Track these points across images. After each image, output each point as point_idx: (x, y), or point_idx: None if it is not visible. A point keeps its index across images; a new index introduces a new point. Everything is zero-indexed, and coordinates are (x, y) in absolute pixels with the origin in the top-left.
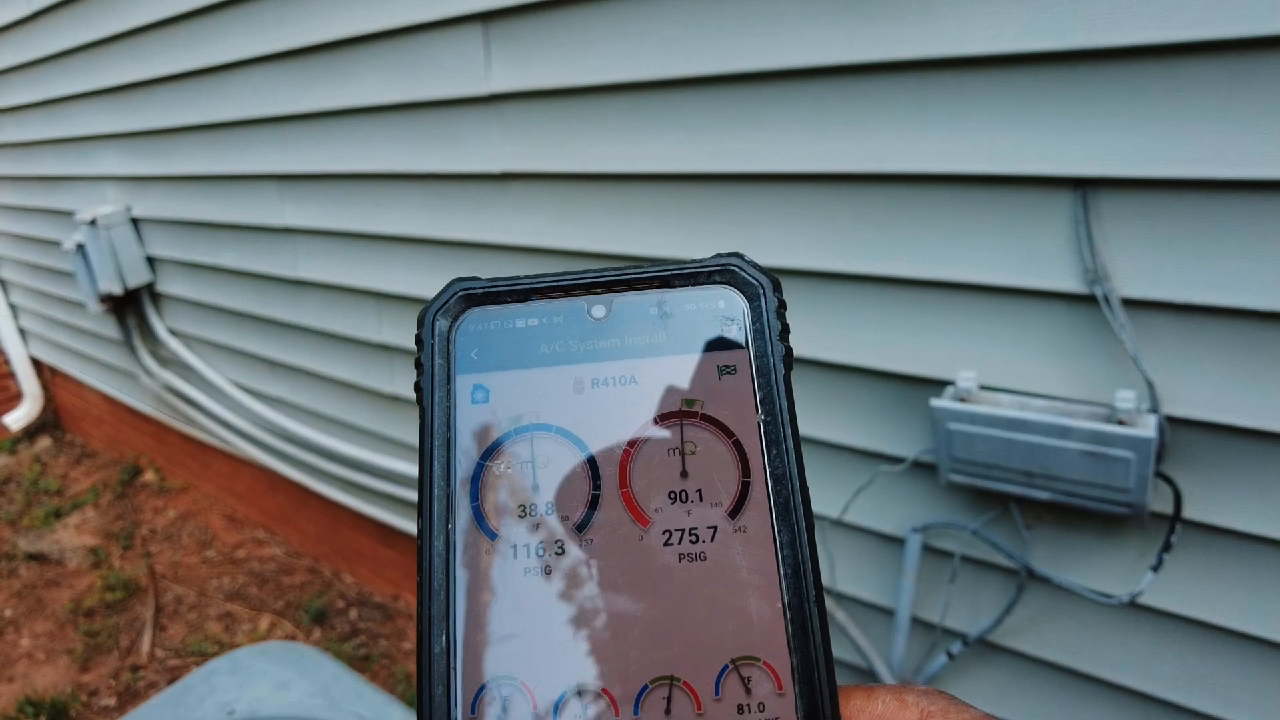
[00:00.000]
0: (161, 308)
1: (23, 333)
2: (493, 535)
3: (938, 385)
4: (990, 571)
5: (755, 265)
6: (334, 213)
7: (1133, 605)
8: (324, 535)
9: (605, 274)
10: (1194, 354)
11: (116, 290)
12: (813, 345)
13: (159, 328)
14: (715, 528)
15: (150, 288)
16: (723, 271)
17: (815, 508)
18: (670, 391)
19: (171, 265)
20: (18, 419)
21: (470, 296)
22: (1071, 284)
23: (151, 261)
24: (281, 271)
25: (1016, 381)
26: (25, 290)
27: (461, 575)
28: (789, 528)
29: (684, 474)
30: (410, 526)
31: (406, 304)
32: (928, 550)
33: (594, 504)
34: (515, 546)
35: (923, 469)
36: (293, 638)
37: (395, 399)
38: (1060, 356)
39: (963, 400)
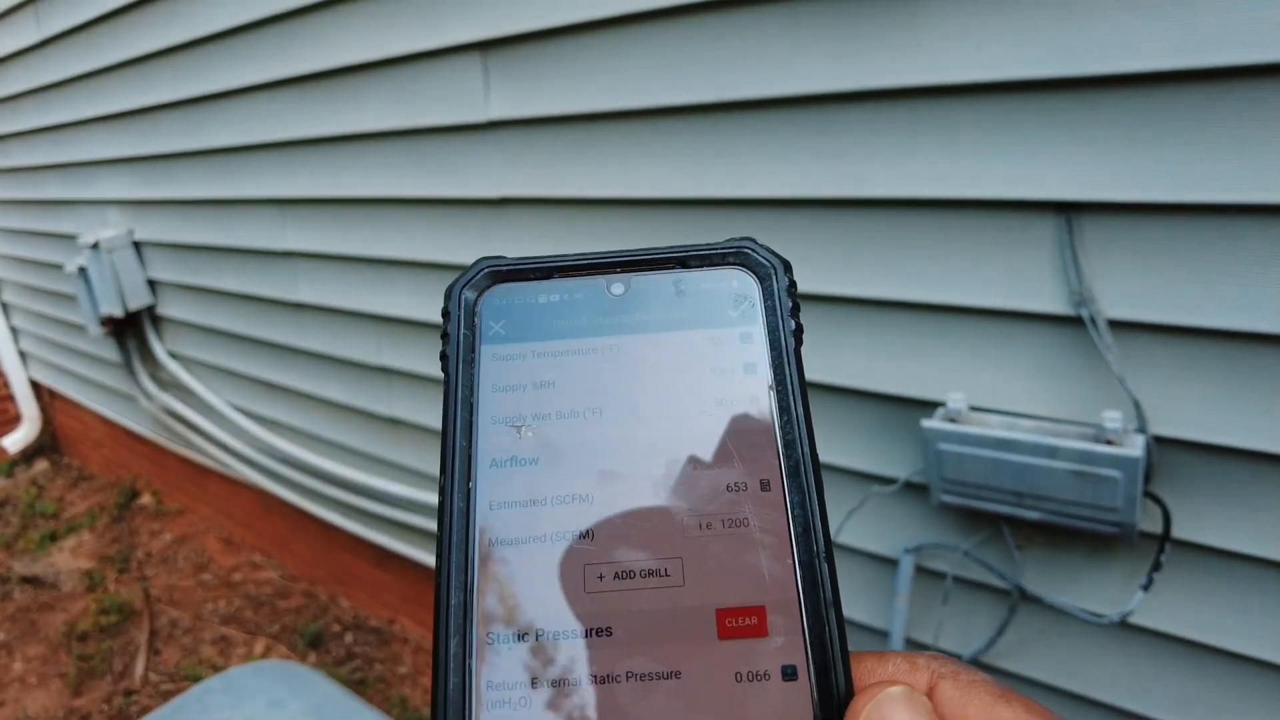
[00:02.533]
0: (162, 330)
1: (23, 355)
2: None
3: (928, 406)
4: (982, 592)
5: (767, 248)
6: (335, 237)
7: (1124, 625)
8: (320, 559)
9: (625, 255)
10: (1180, 374)
11: (118, 313)
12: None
13: (159, 350)
14: (728, 488)
15: (151, 310)
16: (736, 253)
17: None
18: (687, 364)
19: (172, 288)
20: (15, 442)
21: (496, 273)
22: (1058, 306)
23: (153, 284)
24: (281, 295)
25: (1005, 402)
26: (26, 313)
27: (479, 530)
28: (799, 489)
29: (700, 441)
30: (407, 550)
31: (406, 327)
32: (920, 571)
33: (614, 466)
34: (533, 504)
35: (914, 490)
36: None
37: (394, 422)
38: (1048, 377)
39: (953, 421)
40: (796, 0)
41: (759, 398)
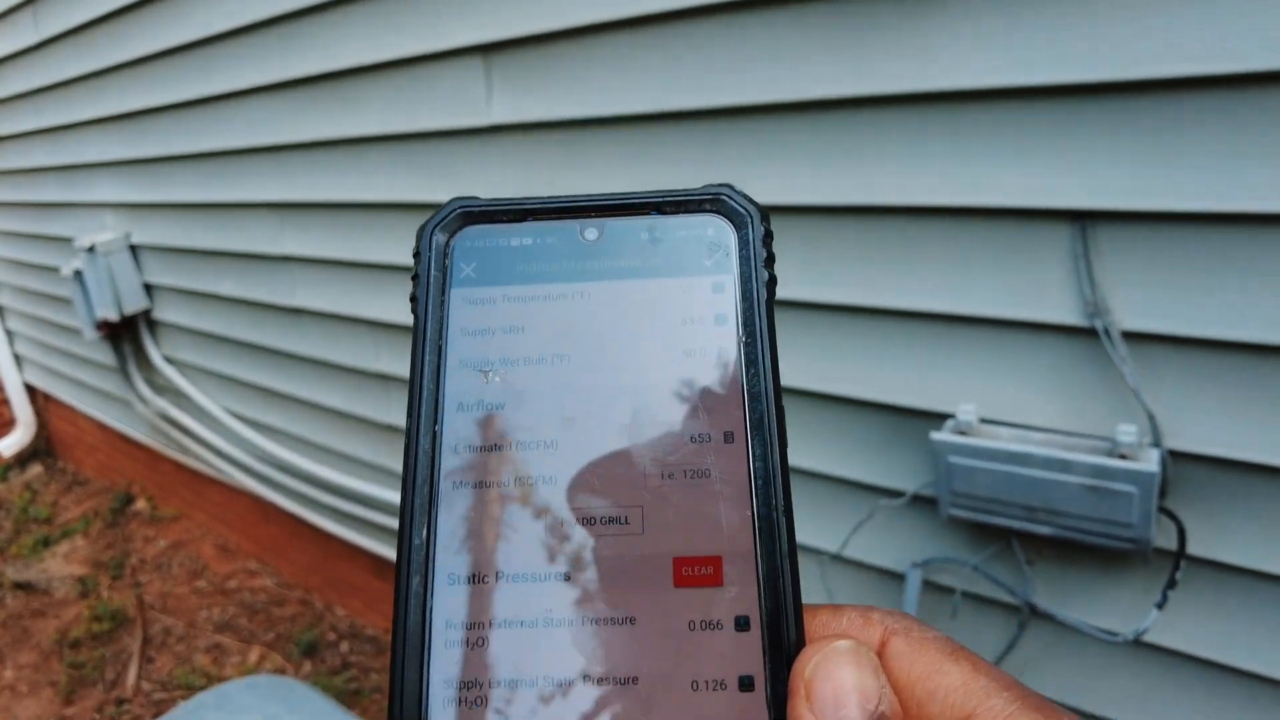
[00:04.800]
0: (158, 335)
1: (18, 359)
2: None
3: (938, 418)
4: (992, 608)
5: (745, 195)
6: (333, 242)
7: (1137, 643)
8: (316, 567)
9: (600, 198)
10: (1196, 387)
11: (113, 317)
12: (811, 377)
13: (155, 355)
14: (692, 438)
15: (147, 315)
16: (713, 200)
17: (815, 541)
18: (657, 312)
19: (169, 292)
20: (10, 445)
21: (468, 214)
22: (1071, 317)
23: (149, 288)
24: (279, 300)
25: (1017, 415)
26: (21, 316)
27: (445, 472)
28: (762, 442)
29: (666, 391)
30: None
31: (404, 334)
32: (928, 586)
33: (579, 413)
34: (497, 448)
35: (923, 503)
36: (283, 671)
37: (391, 429)
38: (1061, 390)
39: (963, 433)
40: (805, 3)
41: (728, 349)
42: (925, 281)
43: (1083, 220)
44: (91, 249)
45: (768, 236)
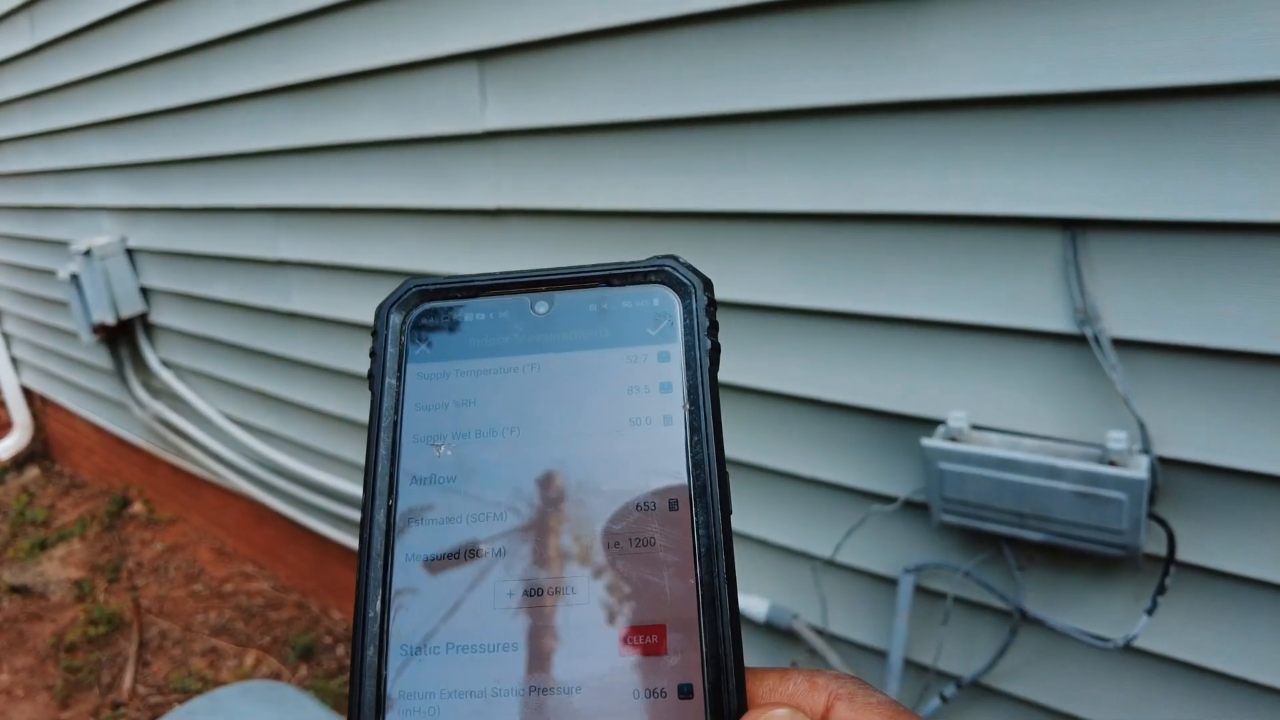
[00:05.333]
0: (154, 338)
1: (15, 362)
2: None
3: (929, 424)
4: (983, 613)
5: (689, 266)
6: (328, 246)
7: (1128, 649)
8: (313, 570)
9: (550, 273)
10: (1186, 395)
11: (110, 320)
12: (803, 383)
13: (151, 359)
14: (638, 507)
15: (144, 318)
16: (658, 271)
17: (808, 546)
18: (604, 382)
19: (165, 296)
20: (7, 448)
21: (424, 292)
22: (1062, 324)
23: (145, 292)
24: (275, 304)
25: (1008, 421)
26: (18, 319)
27: (399, 545)
28: (705, 509)
29: (611, 460)
30: None
31: None
32: (920, 591)
33: (528, 484)
34: (449, 521)
35: (914, 509)
36: (279, 674)
37: None
38: (1051, 396)
39: (954, 440)
40: (799, 11)
41: (673, 416)
42: (917, 288)
43: (1073, 228)
44: (88, 252)
45: (711, 305)
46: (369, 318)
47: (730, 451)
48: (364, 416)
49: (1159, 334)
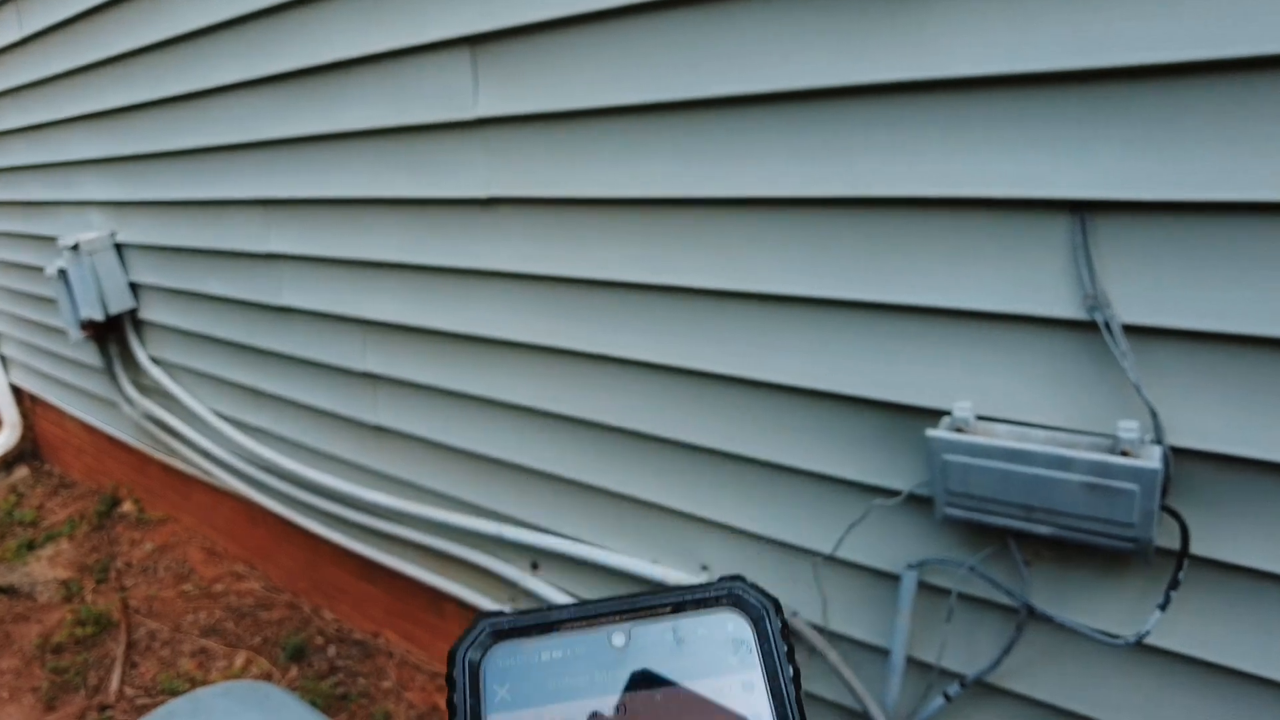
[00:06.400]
0: (144, 335)
1: (3, 360)
2: None
3: (933, 416)
4: (988, 610)
5: (756, 587)
6: (319, 239)
7: (1139, 646)
8: (304, 570)
9: (621, 603)
10: (1199, 382)
11: (99, 317)
12: (803, 374)
13: (141, 355)
14: None
15: (133, 314)
16: (728, 596)
17: (808, 541)
18: (692, 715)
19: (155, 291)
20: None
21: (498, 632)
22: (1070, 310)
23: (134, 288)
24: (265, 299)
25: (1015, 411)
26: (6, 317)
27: None
28: None
29: None
30: (393, 561)
31: (391, 332)
32: (923, 587)
33: None
34: None
35: (918, 503)
36: (269, 675)
37: (379, 430)
38: (1060, 385)
39: (959, 431)
40: None
41: None
42: (920, 275)
43: (1082, 211)
44: (76, 248)
45: (785, 628)
46: (361, 311)
47: (729, 445)
48: (356, 414)
49: (1171, 320)
